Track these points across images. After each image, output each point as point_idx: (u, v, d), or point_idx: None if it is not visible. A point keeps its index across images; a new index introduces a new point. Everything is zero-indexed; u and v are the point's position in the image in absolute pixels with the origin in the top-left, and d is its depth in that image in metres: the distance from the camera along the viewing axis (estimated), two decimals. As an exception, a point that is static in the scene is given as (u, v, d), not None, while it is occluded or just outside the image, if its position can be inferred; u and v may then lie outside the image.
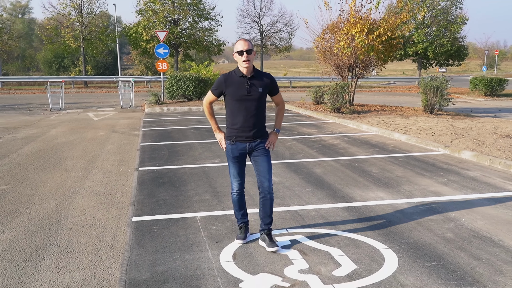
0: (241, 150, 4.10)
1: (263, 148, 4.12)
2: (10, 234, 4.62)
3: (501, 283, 3.48)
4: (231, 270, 3.74)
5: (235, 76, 4.05)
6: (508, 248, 4.15)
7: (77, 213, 5.25)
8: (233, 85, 4.01)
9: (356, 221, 4.88)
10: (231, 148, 4.12)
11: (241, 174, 4.20)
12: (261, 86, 4.04)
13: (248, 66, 3.99)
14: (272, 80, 4.15)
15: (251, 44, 4.01)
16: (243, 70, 4.01)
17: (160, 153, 8.89)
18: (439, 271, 3.69)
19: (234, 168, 4.18)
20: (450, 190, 6.07)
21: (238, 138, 4.07)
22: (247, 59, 3.95)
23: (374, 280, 3.54)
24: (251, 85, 4.00)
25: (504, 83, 25.23)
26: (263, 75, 4.12)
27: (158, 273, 3.69)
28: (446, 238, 4.40)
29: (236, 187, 4.22)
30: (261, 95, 4.02)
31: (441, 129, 10.85)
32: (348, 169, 7.36)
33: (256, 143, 4.10)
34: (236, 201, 4.27)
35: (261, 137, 4.13)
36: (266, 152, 4.14)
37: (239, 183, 4.21)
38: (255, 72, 4.06)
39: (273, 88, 4.15)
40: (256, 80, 4.04)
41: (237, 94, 4.00)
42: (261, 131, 4.13)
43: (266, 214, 4.17)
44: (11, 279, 3.63)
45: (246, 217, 4.36)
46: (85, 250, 4.20)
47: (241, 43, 3.98)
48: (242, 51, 3.95)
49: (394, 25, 15.43)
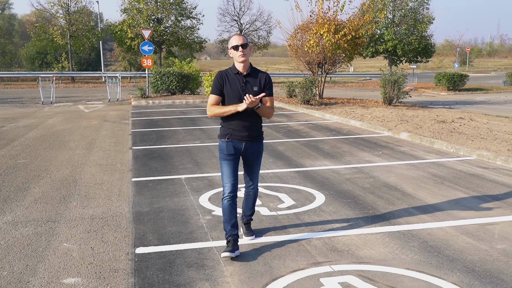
0: (236, 148, 3.93)
1: (257, 151, 4.01)
2: (40, 189, 6.12)
3: (389, 209, 5.15)
4: (206, 205, 5.32)
5: (230, 73, 3.91)
6: (404, 191, 5.83)
7: (88, 176, 6.77)
8: (228, 82, 3.87)
9: (302, 179, 6.52)
10: (226, 145, 3.91)
11: (234, 173, 3.95)
12: (257, 85, 3.88)
13: (244, 61, 3.83)
14: (268, 80, 3.96)
15: (245, 39, 3.87)
16: (239, 66, 3.87)
17: (149, 137, 10.40)
18: (351, 204, 5.35)
19: (227, 166, 3.94)
20: (381, 159, 7.77)
21: (233, 137, 3.91)
22: (242, 53, 3.79)
23: (305, 209, 5.17)
24: (246, 83, 3.86)
25: (465, 79, 27.28)
26: (260, 74, 3.96)
27: (155, 208, 5.26)
28: (363, 187, 6.06)
29: (228, 189, 3.92)
30: (256, 94, 3.82)
31: (392, 117, 12.60)
32: (305, 146, 9.00)
33: (252, 145, 3.95)
34: (226, 207, 3.93)
35: (257, 138, 4.00)
36: (259, 157, 4.06)
37: (231, 184, 3.92)
38: (251, 70, 3.92)
39: (268, 88, 3.94)
40: (251, 78, 3.89)
41: (232, 92, 3.85)
42: (256, 132, 3.99)
43: (248, 207, 4.25)
44: (51, 212, 5.15)
45: (235, 229, 3.95)
46: (100, 196, 5.74)
47: (235, 38, 3.84)
48: (237, 46, 3.79)
49: (358, 26, 17.15)
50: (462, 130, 10.20)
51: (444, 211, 5.05)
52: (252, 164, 4.07)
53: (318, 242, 4.21)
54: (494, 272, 3.58)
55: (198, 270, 3.67)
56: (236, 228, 3.95)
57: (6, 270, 3.70)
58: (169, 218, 4.89)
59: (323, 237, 4.33)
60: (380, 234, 4.41)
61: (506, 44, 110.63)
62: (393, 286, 3.37)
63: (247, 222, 4.35)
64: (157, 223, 4.74)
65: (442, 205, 5.26)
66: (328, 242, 4.22)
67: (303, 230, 4.51)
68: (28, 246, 4.18)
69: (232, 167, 3.94)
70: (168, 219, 4.85)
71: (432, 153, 8.27)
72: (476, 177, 6.53)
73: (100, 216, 5.00)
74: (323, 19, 16.87)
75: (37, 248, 4.12)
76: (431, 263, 3.75)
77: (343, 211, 5.10)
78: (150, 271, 3.65)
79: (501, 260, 3.80)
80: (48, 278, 3.55)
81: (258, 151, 4.03)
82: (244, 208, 4.29)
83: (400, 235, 4.37)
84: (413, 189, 5.93)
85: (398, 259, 3.83)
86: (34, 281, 3.50)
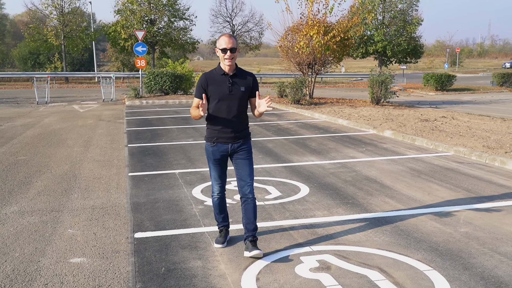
0: (222, 152, 3.91)
1: (245, 150, 3.94)
2: (42, 183, 6.49)
3: (367, 199, 5.60)
4: (199, 197, 5.74)
5: (216, 74, 3.86)
6: (383, 184, 6.28)
7: (87, 171, 7.16)
8: (214, 83, 3.82)
9: (289, 173, 6.95)
10: (212, 150, 3.91)
11: (222, 177, 4.03)
12: (244, 85, 3.86)
13: (231, 64, 3.80)
14: (254, 80, 3.95)
15: (235, 41, 3.80)
16: (225, 68, 3.83)
17: (144, 135, 10.79)
18: (332, 195, 5.79)
19: (215, 170, 4.00)
20: (364, 155, 8.22)
21: (219, 140, 3.88)
22: (230, 58, 3.76)
23: (290, 199, 5.60)
24: (233, 83, 3.82)
25: (453, 79, 27.90)
26: (246, 74, 3.94)
27: (151, 199, 5.66)
28: (346, 180, 6.50)
29: (217, 190, 4.06)
30: (243, 94, 3.84)
31: (378, 116, 13.08)
32: (293, 144, 9.44)
33: (239, 144, 3.91)
34: (216, 204, 4.12)
35: (244, 138, 3.94)
36: (248, 155, 3.96)
37: (219, 186, 4.04)
38: (237, 71, 3.88)
39: (255, 88, 3.93)
40: (238, 79, 3.86)
41: (218, 92, 3.80)
42: (243, 132, 3.95)
43: (249, 220, 3.93)
44: (54, 203, 5.53)
45: (227, 220, 4.22)
46: (99, 189, 6.13)
47: (225, 39, 3.76)
48: (226, 49, 3.74)
49: (346, 28, 17.63)
50: (443, 128, 10.70)
51: (417, 201, 5.51)
52: (242, 164, 3.92)
53: (300, 227, 4.64)
54: (455, 251, 4.03)
55: (191, 251, 4.08)
56: (227, 219, 4.20)
57: (18, 252, 4.09)
58: (164, 207, 5.30)
59: (305, 223, 4.76)
60: (357, 220, 4.85)
61: (497, 44, 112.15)
62: (364, 262, 3.81)
63: (252, 240, 3.90)
64: (153, 212, 5.15)
65: (416, 195, 5.72)
66: (309, 227, 4.65)
67: (288, 217, 4.94)
68: (35, 232, 4.58)
69: (220, 171, 4.00)
70: (164, 209, 5.26)
71: (412, 149, 8.74)
72: (450, 171, 7.00)
73: (100, 206, 5.39)
74: (313, 21, 17.33)
75: (44, 234, 4.52)
76: (400, 244, 4.19)
77: (325, 201, 5.54)
78: (148, 252, 4.06)
79: (462, 241, 4.26)
80: (56, 258, 3.95)
81: (246, 150, 3.94)
82: (245, 223, 3.95)
83: (375, 221, 4.82)
84: (391, 181, 6.39)
85: (371, 241, 4.27)
86: (44, 261, 3.90)
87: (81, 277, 3.60)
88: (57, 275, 3.64)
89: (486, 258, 3.88)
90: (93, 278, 3.58)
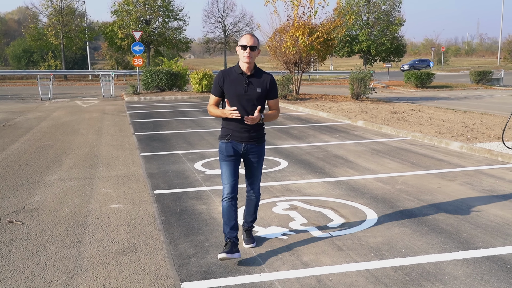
0: (236, 149, 3.88)
1: (258, 154, 3.96)
2: (70, 161, 7.96)
3: (332, 169, 7.15)
4: (200, 168, 7.25)
5: (234, 72, 3.84)
6: (347, 159, 7.84)
7: (105, 152, 8.63)
8: (231, 81, 3.81)
9: (273, 153, 8.48)
10: (225, 146, 3.87)
11: (234, 174, 3.90)
12: (260, 86, 3.81)
13: (249, 62, 3.77)
14: (273, 82, 3.89)
15: (257, 41, 3.78)
16: (243, 66, 3.80)
17: (147, 125, 12.26)
18: (306, 167, 7.32)
19: (227, 167, 3.89)
20: (336, 140, 9.78)
21: (232, 137, 3.86)
22: (248, 55, 3.73)
23: (272, 170, 7.13)
24: (249, 83, 3.79)
25: (432, 77, 29.64)
26: (264, 75, 3.89)
27: (162, 170, 7.16)
28: (318, 157, 8.05)
29: (227, 190, 3.88)
30: (259, 95, 3.80)
31: (355, 109, 14.68)
32: (278, 132, 10.98)
33: (252, 146, 3.89)
34: (226, 209, 3.88)
35: (258, 140, 3.93)
36: (260, 158, 3.99)
37: (230, 185, 3.88)
38: (255, 71, 3.85)
39: (271, 90, 3.88)
40: (255, 79, 3.82)
41: (233, 91, 3.79)
42: (258, 134, 3.91)
43: (250, 213, 4.16)
44: (86, 173, 7.01)
45: (235, 231, 3.90)
46: (119, 164, 7.62)
47: (246, 37, 3.77)
48: (246, 46, 3.73)
49: (329, 29, 19.21)
50: (408, 119, 12.31)
51: (371, 170, 7.07)
52: (252, 167, 3.99)
53: (278, 186, 6.18)
54: (388, 199, 5.59)
55: (197, 200, 5.60)
56: (235, 230, 3.89)
57: (70, 201, 5.58)
58: (173, 175, 6.81)
59: (282, 184, 6.29)
60: (322, 182, 6.39)
61: (485, 43, 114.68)
62: (321, 205, 5.35)
63: (248, 229, 4.23)
64: (165, 178, 6.66)
65: (371, 167, 7.28)
66: (285, 186, 6.19)
67: (269, 181, 6.47)
68: (78, 190, 6.06)
69: (232, 168, 3.88)
70: (173, 176, 6.76)
71: (378, 135, 10.32)
72: (404, 150, 8.59)
73: (123, 175, 6.88)
74: (299, 23, 18.88)
75: (85, 191, 6.00)
76: (349, 195, 5.74)
77: (299, 170, 7.08)
78: (166, 201, 5.57)
79: (395, 193, 5.82)
80: (100, 205, 5.44)
81: (258, 153, 3.95)
82: (245, 214, 4.20)
83: (335, 182, 6.37)
84: (354, 158, 7.95)
85: (329, 194, 5.81)
86: (91, 206, 5.39)
87: (121, 214, 5.10)
88: (104, 213, 5.14)
89: (409, 202, 5.45)
90: (130, 214, 5.09)
